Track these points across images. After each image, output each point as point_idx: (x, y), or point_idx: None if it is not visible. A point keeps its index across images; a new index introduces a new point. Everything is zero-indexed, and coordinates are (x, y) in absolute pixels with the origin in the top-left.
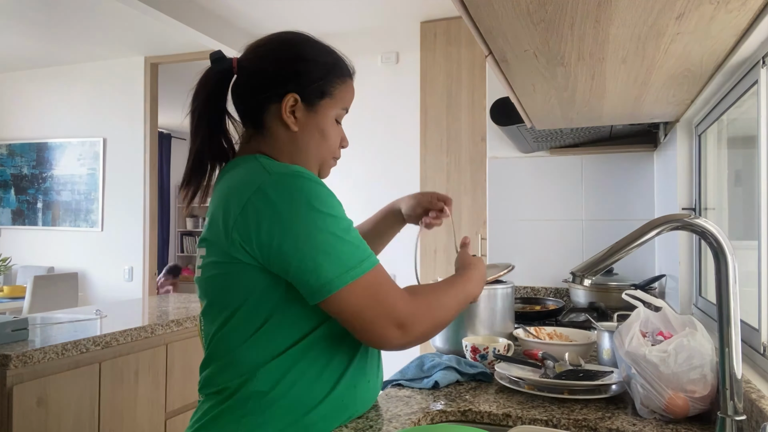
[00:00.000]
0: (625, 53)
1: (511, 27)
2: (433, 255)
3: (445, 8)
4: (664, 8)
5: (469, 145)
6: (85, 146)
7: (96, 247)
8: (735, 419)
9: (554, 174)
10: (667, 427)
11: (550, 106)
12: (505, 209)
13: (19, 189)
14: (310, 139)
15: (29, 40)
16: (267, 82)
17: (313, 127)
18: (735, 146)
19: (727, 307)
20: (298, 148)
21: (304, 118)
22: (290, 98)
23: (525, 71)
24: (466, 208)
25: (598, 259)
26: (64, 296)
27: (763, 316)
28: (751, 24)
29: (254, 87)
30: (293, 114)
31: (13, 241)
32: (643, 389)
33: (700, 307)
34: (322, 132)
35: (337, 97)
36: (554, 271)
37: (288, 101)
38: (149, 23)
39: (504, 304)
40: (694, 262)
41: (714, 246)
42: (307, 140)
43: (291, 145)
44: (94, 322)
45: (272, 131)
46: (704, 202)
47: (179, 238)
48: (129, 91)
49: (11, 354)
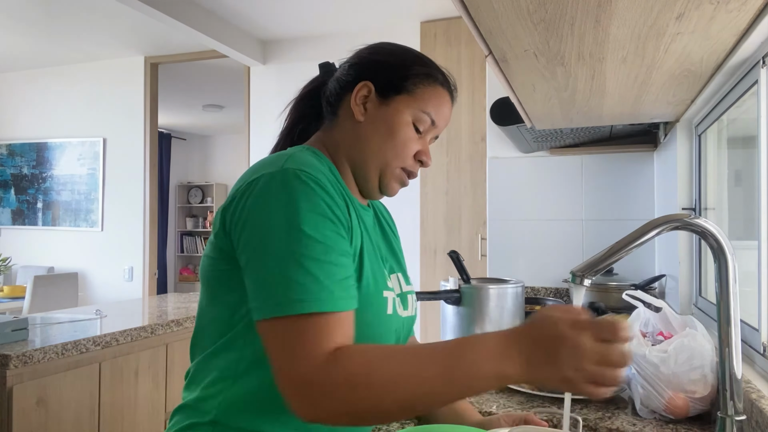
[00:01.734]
0: (625, 53)
1: (511, 27)
2: (433, 255)
3: (445, 8)
4: (664, 8)
5: (469, 145)
6: (85, 146)
7: (96, 247)
8: (735, 419)
9: (554, 174)
10: (667, 427)
11: (550, 106)
12: (505, 209)
13: (19, 189)
14: (374, 133)
15: (29, 40)
16: (351, 73)
17: (380, 120)
18: (735, 146)
19: (727, 307)
20: (358, 140)
21: (375, 109)
22: (363, 86)
23: (525, 71)
24: (466, 208)
25: (598, 259)
26: (64, 296)
27: (763, 316)
28: (751, 24)
29: (340, 79)
30: (364, 105)
31: (13, 241)
32: (643, 389)
33: (700, 307)
34: (390, 128)
35: (418, 97)
36: (554, 271)
37: (360, 89)
38: (149, 23)
39: (514, 304)
40: (694, 262)
41: (714, 246)
42: (371, 133)
43: (353, 135)
44: (94, 322)
45: (340, 120)
46: (704, 202)
47: (179, 238)
48: (129, 91)
49: (11, 354)
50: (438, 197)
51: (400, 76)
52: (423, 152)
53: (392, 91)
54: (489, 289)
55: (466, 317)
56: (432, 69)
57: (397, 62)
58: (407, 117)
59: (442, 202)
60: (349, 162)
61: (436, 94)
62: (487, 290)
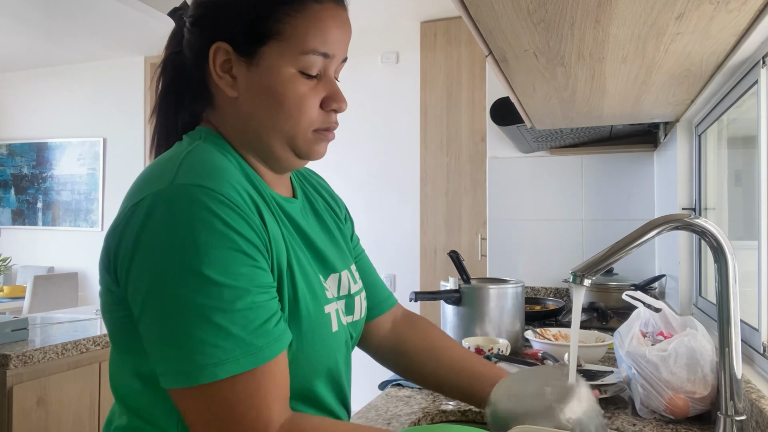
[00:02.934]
0: (625, 53)
1: (511, 27)
2: (433, 255)
3: (445, 8)
4: (664, 8)
5: (469, 145)
6: (85, 146)
7: (96, 247)
8: (735, 419)
9: (554, 174)
10: (667, 427)
11: (550, 106)
12: (505, 209)
13: (19, 189)
14: (258, 107)
15: (29, 40)
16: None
17: (257, 87)
18: (735, 146)
19: (727, 307)
20: (244, 121)
21: (244, 76)
22: (217, 50)
23: (525, 71)
24: (466, 208)
25: (598, 259)
26: (64, 296)
27: (763, 316)
28: (751, 24)
29: (189, 44)
30: (229, 73)
31: (13, 241)
32: (643, 389)
33: (700, 307)
34: (272, 93)
35: (291, 37)
36: (554, 271)
37: (216, 55)
38: (149, 23)
39: (514, 304)
40: (694, 262)
41: (714, 246)
42: (254, 108)
43: (236, 117)
44: (94, 322)
45: (217, 101)
46: (704, 202)
47: None
48: (129, 91)
49: (11, 354)
50: (438, 197)
51: (257, 17)
52: (330, 98)
53: (255, 43)
54: (489, 289)
55: (466, 317)
56: None
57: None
58: (288, 69)
59: (442, 202)
60: (247, 147)
61: (314, 19)
62: (487, 290)
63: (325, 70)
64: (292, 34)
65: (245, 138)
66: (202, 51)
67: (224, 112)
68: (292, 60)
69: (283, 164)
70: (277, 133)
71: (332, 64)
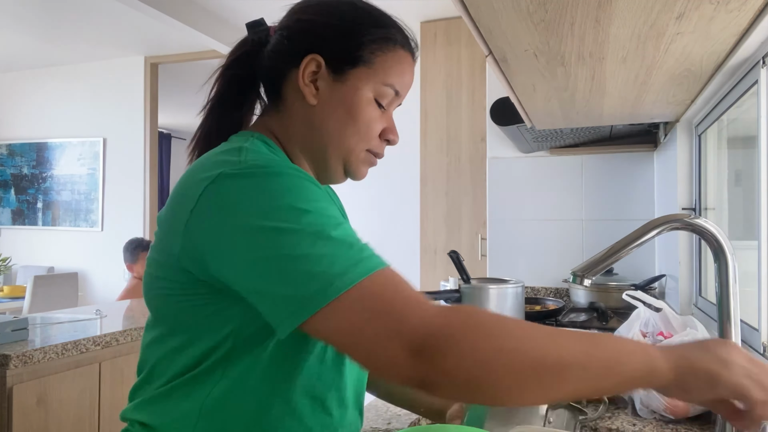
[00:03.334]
0: (625, 53)
1: (511, 27)
2: (433, 255)
3: (445, 8)
4: (664, 8)
5: (469, 145)
6: (85, 146)
7: (96, 247)
8: None
9: (554, 174)
10: (667, 427)
11: (550, 106)
12: (505, 209)
13: (19, 189)
14: (331, 117)
15: (29, 40)
16: (291, 43)
17: (337, 101)
18: (735, 146)
19: (727, 307)
20: (313, 128)
21: (328, 89)
22: (310, 61)
23: (525, 71)
24: (466, 208)
25: (598, 259)
26: (64, 296)
27: (763, 316)
28: (751, 24)
29: (278, 51)
30: (314, 83)
31: (13, 241)
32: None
33: (700, 307)
34: (349, 109)
35: (379, 68)
36: (554, 271)
37: (308, 65)
38: (149, 23)
39: (514, 304)
40: (694, 262)
41: (714, 246)
42: (327, 118)
43: (305, 123)
44: (94, 322)
45: (288, 105)
46: (704, 202)
47: None
48: (129, 91)
49: (11, 354)
50: (438, 197)
51: (355, 44)
52: (389, 129)
53: (347, 64)
54: (489, 289)
55: None
56: (390, 29)
57: (348, 26)
58: (368, 93)
59: (442, 202)
60: (306, 152)
61: (397, 60)
62: (487, 290)
63: (390, 104)
64: (380, 66)
65: (306, 143)
66: (291, 58)
67: (293, 116)
68: (373, 87)
69: (330, 175)
70: (340, 145)
71: (396, 101)
